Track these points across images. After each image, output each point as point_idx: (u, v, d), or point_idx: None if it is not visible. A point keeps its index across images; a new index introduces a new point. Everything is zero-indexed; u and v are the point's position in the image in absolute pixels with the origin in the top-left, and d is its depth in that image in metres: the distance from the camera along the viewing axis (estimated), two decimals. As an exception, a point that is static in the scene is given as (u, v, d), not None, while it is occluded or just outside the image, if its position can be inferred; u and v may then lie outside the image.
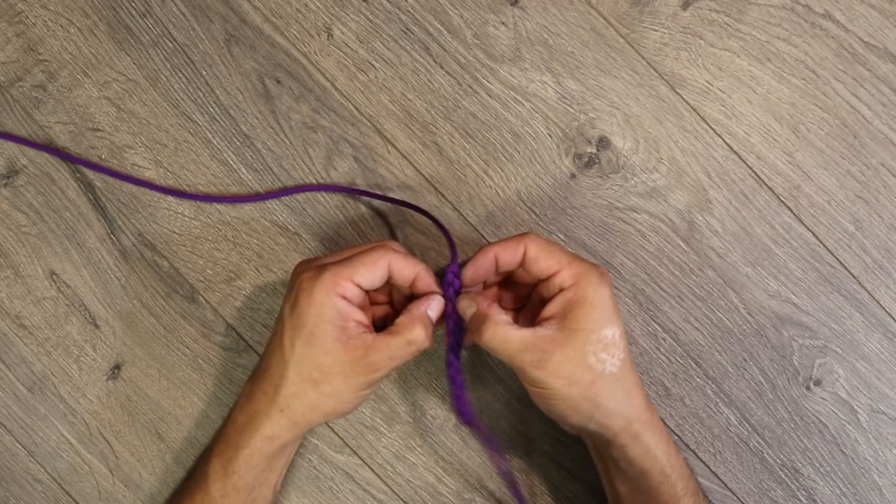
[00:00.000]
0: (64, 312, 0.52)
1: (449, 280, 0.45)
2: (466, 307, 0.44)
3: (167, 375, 0.52)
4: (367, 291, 0.44)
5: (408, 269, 0.43)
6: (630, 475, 0.44)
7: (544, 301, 0.43)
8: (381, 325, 0.47)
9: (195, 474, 0.47)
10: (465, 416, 0.45)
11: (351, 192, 0.51)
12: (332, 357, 0.42)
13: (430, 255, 0.52)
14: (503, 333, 0.42)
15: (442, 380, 0.52)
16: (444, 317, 0.45)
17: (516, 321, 0.46)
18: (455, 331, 0.44)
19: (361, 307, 0.43)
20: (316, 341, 0.42)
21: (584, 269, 0.42)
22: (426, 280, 0.44)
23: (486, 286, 0.48)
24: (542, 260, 0.43)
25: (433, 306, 0.44)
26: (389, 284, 0.45)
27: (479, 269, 0.44)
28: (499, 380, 0.52)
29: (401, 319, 0.43)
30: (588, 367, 0.41)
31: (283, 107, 0.52)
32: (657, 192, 0.52)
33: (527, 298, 0.47)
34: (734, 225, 0.51)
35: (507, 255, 0.43)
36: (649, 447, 0.43)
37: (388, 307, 0.48)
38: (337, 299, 0.42)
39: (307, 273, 0.43)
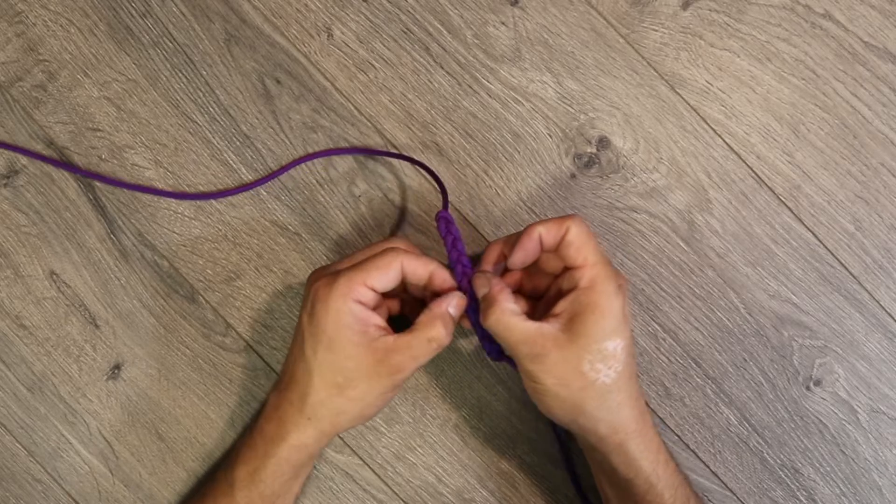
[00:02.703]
0: (64, 312, 0.52)
1: (444, 228, 0.45)
2: (480, 286, 0.44)
3: (167, 375, 0.52)
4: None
5: (421, 269, 0.43)
6: (615, 480, 0.44)
7: (561, 294, 0.43)
8: (397, 318, 0.48)
9: (219, 481, 0.47)
10: (492, 353, 0.45)
11: (343, 152, 0.51)
12: (355, 362, 0.42)
13: (430, 255, 0.52)
14: (507, 321, 0.42)
15: (442, 380, 0.52)
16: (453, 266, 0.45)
17: (532, 309, 0.46)
18: (466, 273, 0.45)
19: (376, 306, 0.44)
20: (337, 347, 0.42)
21: (604, 276, 0.42)
22: (442, 276, 0.44)
23: (507, 271, 0.47)
24: (575, 249, 0.42)
25: (454, 304, 0.44)
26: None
27: (528, 253, 0.44)
28: (499, 380, 0.52)
29: (421, 318, 0.43)
30: (581, 373, 0.41)
31: (283, 107, 0.52)
32: (657, 192, 0.52)
33: (548, 288, 0.47)
34: (734, 225, 0.51)
35: (551, 237, 0.43)
36: (633, 457, 0.43)
37: (401, 299, 0.48)
38: (353, 304, 0.42)
39: (321, 281, 0.43)
